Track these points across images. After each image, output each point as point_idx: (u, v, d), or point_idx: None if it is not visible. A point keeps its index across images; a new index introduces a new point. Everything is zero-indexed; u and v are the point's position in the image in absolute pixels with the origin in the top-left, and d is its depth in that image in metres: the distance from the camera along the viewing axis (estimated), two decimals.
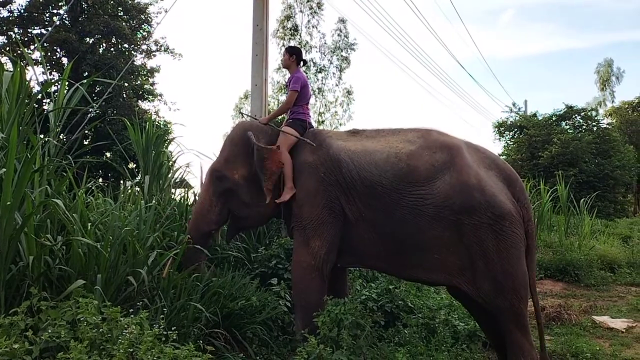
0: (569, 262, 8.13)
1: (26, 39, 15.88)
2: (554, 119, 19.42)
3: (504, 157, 18.04)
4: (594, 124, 19.35)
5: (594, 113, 20.71)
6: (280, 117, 5.21)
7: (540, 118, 19.83)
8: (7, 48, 15.64)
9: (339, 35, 23.21)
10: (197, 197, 5.27)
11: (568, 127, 19.38)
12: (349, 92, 23.75)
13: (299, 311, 4.03)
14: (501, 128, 21.05)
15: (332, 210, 3.96)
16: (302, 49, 5.22)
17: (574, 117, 19.53)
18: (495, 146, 22.17)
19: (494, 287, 3.60)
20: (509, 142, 20.66)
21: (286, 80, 4.76)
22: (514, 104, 23.50)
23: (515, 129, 20.42)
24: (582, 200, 11.23)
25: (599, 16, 65.72)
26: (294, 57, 4.64)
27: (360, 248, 3.99)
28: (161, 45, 17.97)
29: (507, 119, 21.69)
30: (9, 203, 2.92)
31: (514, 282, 3.62)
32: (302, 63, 4.69)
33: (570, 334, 5.13)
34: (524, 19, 69.30)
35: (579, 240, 9.51)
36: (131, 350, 2.52)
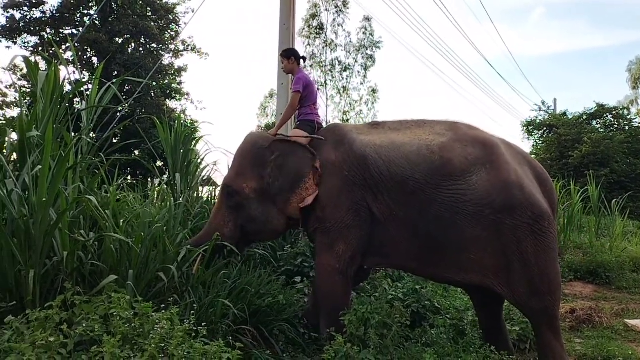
0: (599, 264, 7.94)
1: (58, 39, 16.25)
2: (584, 117, 19.02)
3: (532, 156, 17.72)
4: (625, 123, 18.89)
5: (625, 112, 20.19)
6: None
7: (570, 117, 19.48)
8: (40, 48, 16.05)
9: (364, 33, 23.17)
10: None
11: (599, 126, 18.98)
12: (374, 91, 23.71)
13: (324, 314, 3.93)
14: (530, 127, 20.73)
15: (358, 212, 3.79)
16: (296, 49, 4.94)
17: (605, 116, 19.11)
18: (524, 145, 21.84)
19: (530, 289, 3.52)
20: (537, 141, 20.33)
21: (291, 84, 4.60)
22: (543, 103, 23.13)
23: (545, 128, 20.08)
24: (614, 201, 10.98)
25: (630, 13, 64.01)
26: (292, 58, 4.48)
27: (388, 248, 3.84)
28: (188, 45, 18.21)
29: (536, 117, 21.36)
30: (44, 199, 2.98)
31: (550, 284, 3.54)
32: (302, 61, 4.54)
33: (602, 338, 5.01)
34: (554, 17, 67.96)
35: (610, 242, 9.29)
36: (162, 345, 2.55)
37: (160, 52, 17.33)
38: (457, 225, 3.56)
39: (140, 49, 17.04)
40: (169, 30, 17.98)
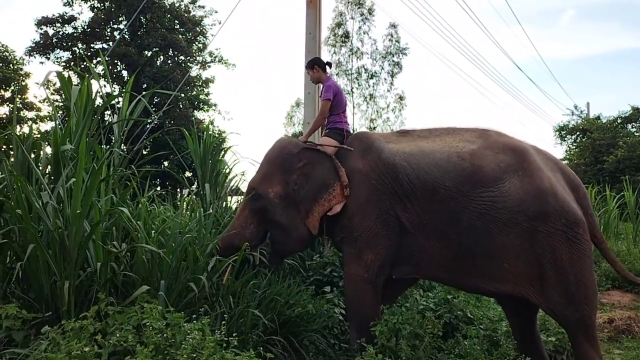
0: (638, 272, 7.67)
1: (89, 53, 16.69)
2: (619, 121, 18.64)
3: (565, 162, 17.43)
4: None
5: None
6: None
7: (604, 121, 19.10)
8: (72, 63, 16.51)
9: (390, 40, 23.15)
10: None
11: (634, 129, 18.55)
12: (401, 98, 23.60)
13: (354, 325, 3.89)
14: (562, 132, 20.41)
15: (386, 222, 3.75)
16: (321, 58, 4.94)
17: None
18: (557, 151, 21.48)
19: (565, 298, 3.44)
20: (571, 146, 19.99)
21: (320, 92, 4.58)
22: (575, 107, 22.71)
23: (578, 133, 19.73)
24: None
25: None
26: (316, 67, 4.49)
27: (417, 257, 3.77)
28: (215, 56, 18.49)
29: (569, 122, 21.01)
30: (78, 211, 3.04)
31: (587, 292, 3.45)
32: (328, 67, 4.54)
33: None
34: (585, 19, 66.74)
35: None
36: (194, 355, 2.56)
37: (188, 64, 17.64)
38: (489, 233, 3.50)
39: (169, 61, 17.38)
40: (197, 42, 18.30)
